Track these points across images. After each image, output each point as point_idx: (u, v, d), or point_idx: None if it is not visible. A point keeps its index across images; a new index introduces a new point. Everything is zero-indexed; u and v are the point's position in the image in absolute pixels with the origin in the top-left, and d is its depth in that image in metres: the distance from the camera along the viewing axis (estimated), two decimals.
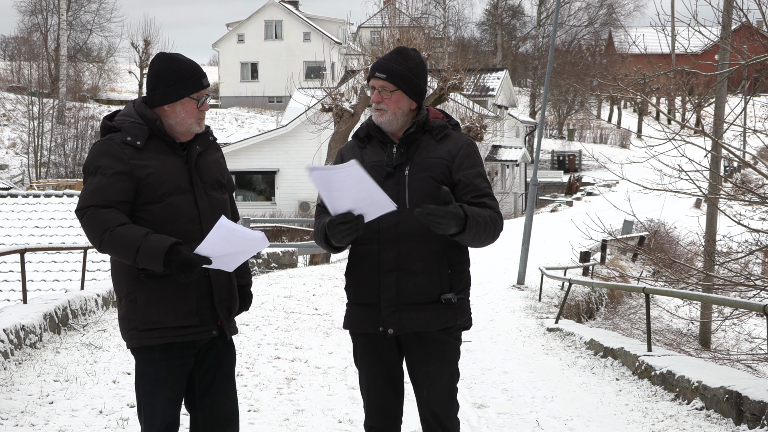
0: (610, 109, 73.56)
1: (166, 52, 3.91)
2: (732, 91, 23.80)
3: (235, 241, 3.65)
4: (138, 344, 3.85)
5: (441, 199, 3.67)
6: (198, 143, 3.92)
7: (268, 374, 8.04)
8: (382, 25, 56.79)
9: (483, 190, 3.89)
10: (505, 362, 9.60)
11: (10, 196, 18.65)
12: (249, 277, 4.15)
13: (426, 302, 3.87)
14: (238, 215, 4.22)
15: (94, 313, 10.76)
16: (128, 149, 3.76)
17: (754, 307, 7.65)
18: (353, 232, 3.70)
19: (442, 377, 3.94)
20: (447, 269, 3.89)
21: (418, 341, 3.92)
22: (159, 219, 3.76)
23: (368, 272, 3.92)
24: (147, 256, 3.61)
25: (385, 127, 3.95)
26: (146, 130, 3.81)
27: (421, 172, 3.88)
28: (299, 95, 40.28)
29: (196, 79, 3.83)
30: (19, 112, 51.38)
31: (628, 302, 20.36)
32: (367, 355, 4.00)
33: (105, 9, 66.15)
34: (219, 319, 3.90)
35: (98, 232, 3.68)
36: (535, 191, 19.98)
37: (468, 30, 74.58)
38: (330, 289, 15.11)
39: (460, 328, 4.00)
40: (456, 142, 3.94)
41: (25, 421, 6.15)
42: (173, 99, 3.81)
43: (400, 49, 3.97)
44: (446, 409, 3.96)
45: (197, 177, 3.88)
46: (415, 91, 3.94)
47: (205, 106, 3.87)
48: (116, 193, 3.71)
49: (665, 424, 6.94)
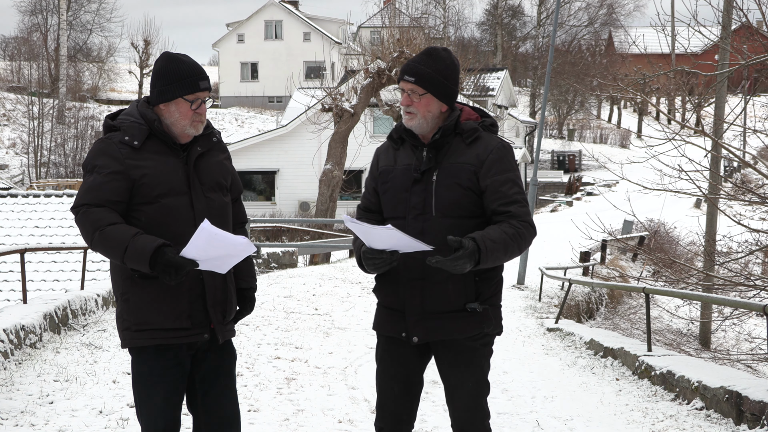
0: (610, 109, 73.55)
1: (171, 52, 3.88)
2: (732, 91, 23.79)
3: (219, 246, 3.61)
4: (130, 344, 3.84)
5: (450, 245, 3.58)
6: (199, 144, 3.88)
7: (268, 374, 8.04)
8: (382, 25, 56.80)
9: (511, 197, 3.75)
10: (505, 362, 9.60)
11: (10, 196, 18.65)
12: (252, 280, 4.08)
13: (451, 311, 3.81)
14: (245, 218, 4.16)
15: (94, 313, 10.76)
16: (125, 149, 3.75)
17: (754, 307, 7.65)
18: (386, 265, 3.73)
19: (467, 383, 3.87)
20: (473, 278, 3.80)
21: (444, 347, 3.88)
22: (153, 220, 3.74)
23: (395, 279, 3.87)
24: (134, 257, 3.59)
25: (416, 130, 3.86)
26: (145, 130, 3.78)
27: (449, 178, 3.79)
28: (299, 95, 40.28)
29: (192, 81, 3.77)
30: (19, 112, 51.38)
31: (628, 302, 20.36)
32: (389, 356, 3.96)
33: (105, 9, 66.28)
34: (212, 323, 3.87)
35: (89, 230, 3.68)
36: (535, 191, 19.98)
37: (468, 30, 74.71)
38: (330, 289, 15.11)
39: (489, 336, 3.91)
40: (486, 147, 3.81)
41: (25, 421, 6.15)
42: (167, 98, 3.78)
43: (430, 49, 3.87)
44: (472, 416, 3.89)
45: (196, 179, 3.84)
46: (445, 94, 3.83)
47: (201, 108, 3.80)
48: (110, 192, 3.70)
49: (665, 424, 6.94)
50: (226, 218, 3.91)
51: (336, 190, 25.86)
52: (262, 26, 65.45)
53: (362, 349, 9.61)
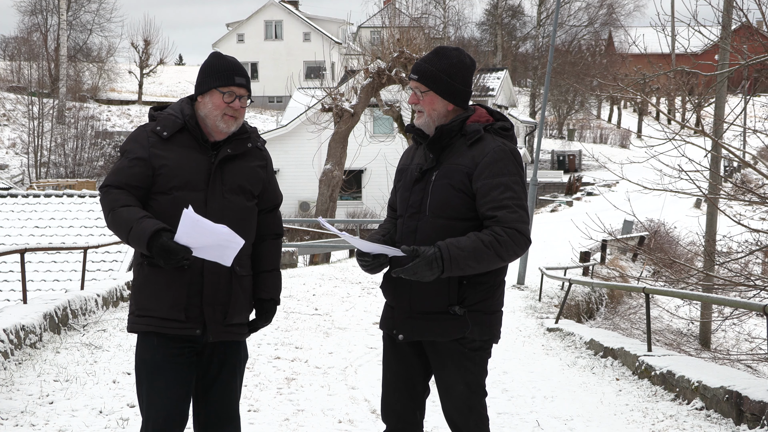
0: (610, 109, 73.57)
1: (220, 52, 4.01)
2: (732, 91, 23.79)
3: (205, 233, 3.65)
4: (130, 328, 3.93)
5: (406, 254, 3.64)
6: (230, 146, 3.92)
7: (268, 374, 8.04)
8: (382, 25, 56.79)
9: (500, 201, 3.68)
10: (505, 362, 9.60)
11: (10, 196, 18.66)
12: (273, 292, 4.05)
13: (435, 312, 3.80)
14: (280, 230, 4.11)
15: (94, 313, 10.76)
16: (153, 137, 3.88)
17: (754, 307, 7.65)
18: (376, 267, 3.81)
19: (457, 386, 3.85)
20: (458, 281, 3.76)
21: (433, 348, 3.88)
22: (165, 211, 3.81)
23: (391, 275, 3.90)
24: (136, 238, 3.70)
25: (424, 128, 3.88)
26: (179, 123, 3.89)
27: (443, 179, 3.79)
28: (299, 95, 40.28)
29: (227, 74, 3.87)
30: (19, 112, 51.39)
31: (628, 302, 20.37)
32: (390, 353, 3.98)
33: (105, 9, 66.25)
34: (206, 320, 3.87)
35: (106, 209, 3.84)
36: (535, 191, 19.98)
37: (468, 30, 74.64)
38: (330, 289, 15.11)
39: (478, 341, 3.85)
40: (483, 149, 3.76)
41: (25, 421, 6.15)
42: (203, 90, 3.90)
43: (439, 49, 3.87)
44: (464, 419, 3.88)
45: (218, 178, 3.88)
46: (449, 92, 3.81)
47: (235, 104, 3.87)
48: (130, 176, 3.83)
49: (665, 424, 6.94)
50: (245, 222, 3.91)
51: (336, 190, 25.86)
52: (262, 26, 65.47)
53: (362, 349, 9.62)
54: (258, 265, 4.03)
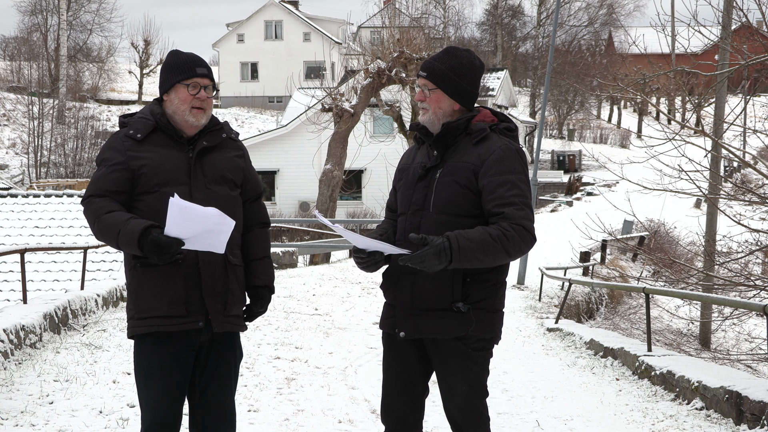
0: (610, 109, 73.55)
1: (177, 50, 4.01)
2: (732, 91, 23.80)
3: (195, 219, 3.65)
4: (132, 332, 3.91)
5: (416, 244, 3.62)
6: (205, 139, 3.94)
7: (268, 374, 8.04)
8: (382, 25, 56.80)
9: (506, 198, 3.68)
10: (505, 362, 9.60)
11: (10, 196, 18.64)
12: (266, 278, 4.09)
13: (438, 309, 3.79)
14: (266, 218, 4.14)
15: (94, 313, 10.76)
16: (128, 141, 3.88)
17: (754, 307, 7.64)
18: (372, 264, 3.81)
19: (460, 386, 3.83)
20: (462, 278, 3.76)
21: (435, 347, 3.87)
22: (152, 209, 3.81)
23: (392, 274, 3.90)
24: (125, 240, 3.69)
25: (428, 126, 3.89)
26: (151, 124, 3.90)
27: (448, 176, 3.79)
28: (299, 95, 40.29)
29: (188, 67, 3.88)
30: (19, 112, 51.38)
31: (628, 302, 20.37)
32: (390, 353, 3.97)
33: (105, 9, 66.31)
34: (209, 313, 3.88)
35: (91, 219, 3.82)
36: (535, 191, 20.00)
37: (468, 30, 74.66)
38: (330, 289, 15.11)
39: (482, 340, 3.84)
40: (490, 147, 3.77)
41: (25, 421, 6.15)
42: (167, 87, 3.92)
43: (449, 48, 3.89)
44: (466, 419, 3.86)
45: (198, 170, 3.90)
46: (456, 92, 3.84)
47: (201, 95, 3.88)
48: (111, 183, 3.84)
49: (665, 424, 6.94)
50: (232, 211, 3.92)
51: (336, 190, 25.87)
52: (262, 26, 65.45)
53: (362, 349, 9.62)
54: (248, 254, 4.06)
